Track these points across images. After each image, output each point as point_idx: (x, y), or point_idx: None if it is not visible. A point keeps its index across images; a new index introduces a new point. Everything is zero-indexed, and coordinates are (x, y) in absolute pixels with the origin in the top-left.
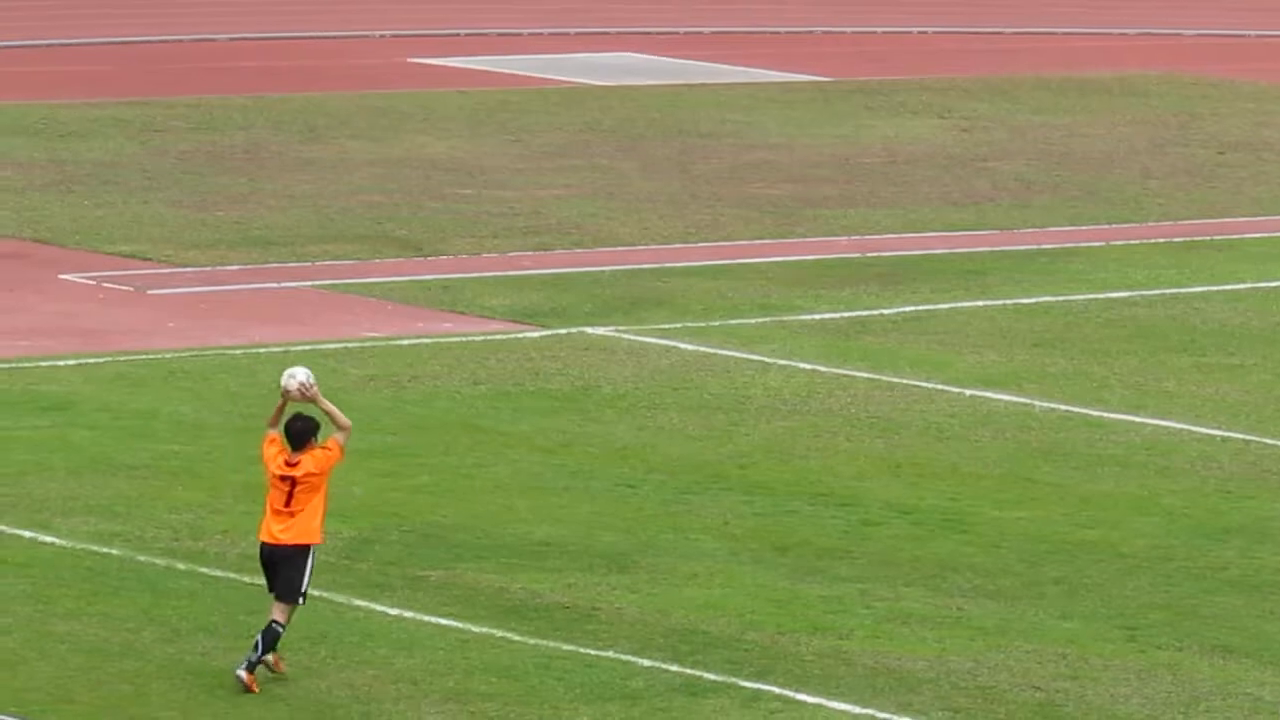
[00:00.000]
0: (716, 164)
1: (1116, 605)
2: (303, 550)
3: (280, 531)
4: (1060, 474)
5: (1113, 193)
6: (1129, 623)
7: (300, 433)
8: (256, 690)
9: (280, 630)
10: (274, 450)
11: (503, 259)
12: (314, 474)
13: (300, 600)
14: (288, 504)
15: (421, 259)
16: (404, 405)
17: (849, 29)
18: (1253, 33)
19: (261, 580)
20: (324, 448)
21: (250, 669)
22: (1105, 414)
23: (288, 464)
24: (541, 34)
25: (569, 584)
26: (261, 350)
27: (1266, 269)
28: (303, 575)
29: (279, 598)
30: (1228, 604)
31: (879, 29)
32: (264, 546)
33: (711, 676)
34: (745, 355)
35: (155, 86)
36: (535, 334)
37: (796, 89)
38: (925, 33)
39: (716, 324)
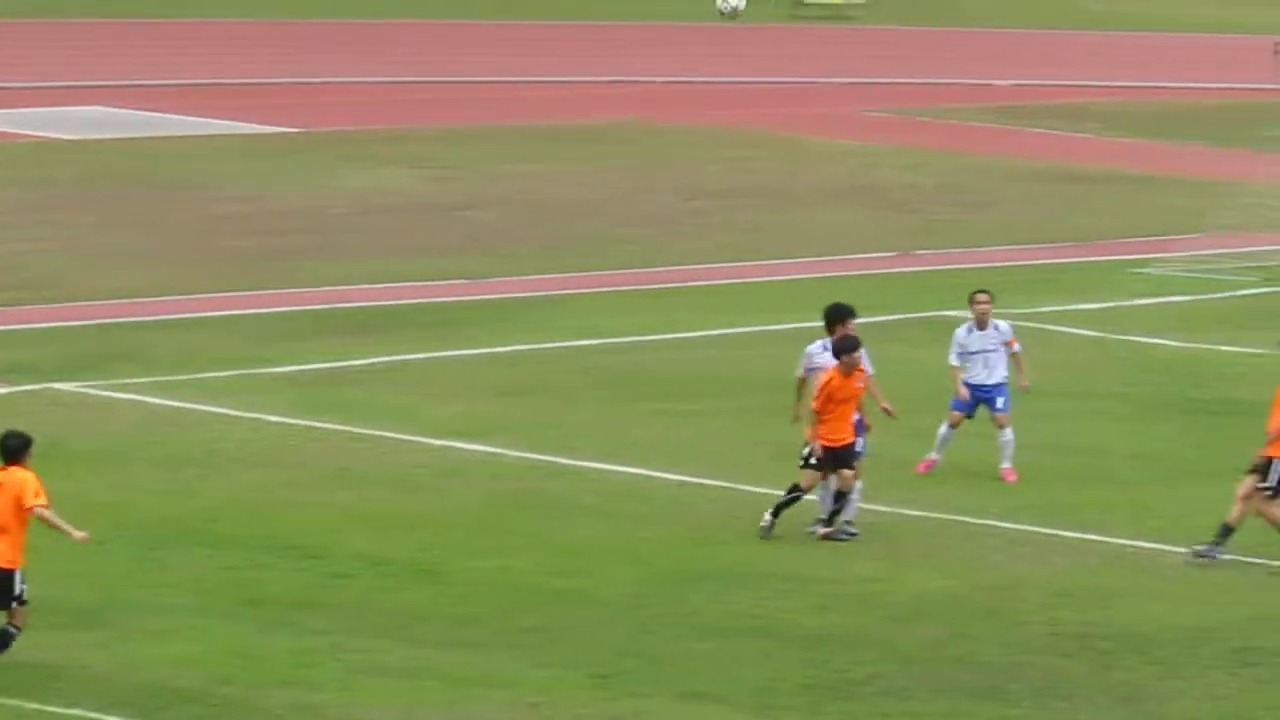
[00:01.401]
0: (186, 217)
1: (590, 653)
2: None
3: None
4: (533, 523)
5: (583, 241)
6: (602, 670)
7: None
8: None
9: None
10: None
11: None
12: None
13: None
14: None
15: None
16: None
17: (318, 80)
18: (723, 80)
19: None
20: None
21: None
22: (577, 462)
23: None
24: (7, 88)
25: (36, 642)
26: None
27: (734, 316)
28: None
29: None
30: (701, 649)
31: (348, 79)
32: None
33: None
34: (215, 409)
35: None
36: (2, 390)
37: (266, 140)
38: (396, 82)
39: (186, 378)
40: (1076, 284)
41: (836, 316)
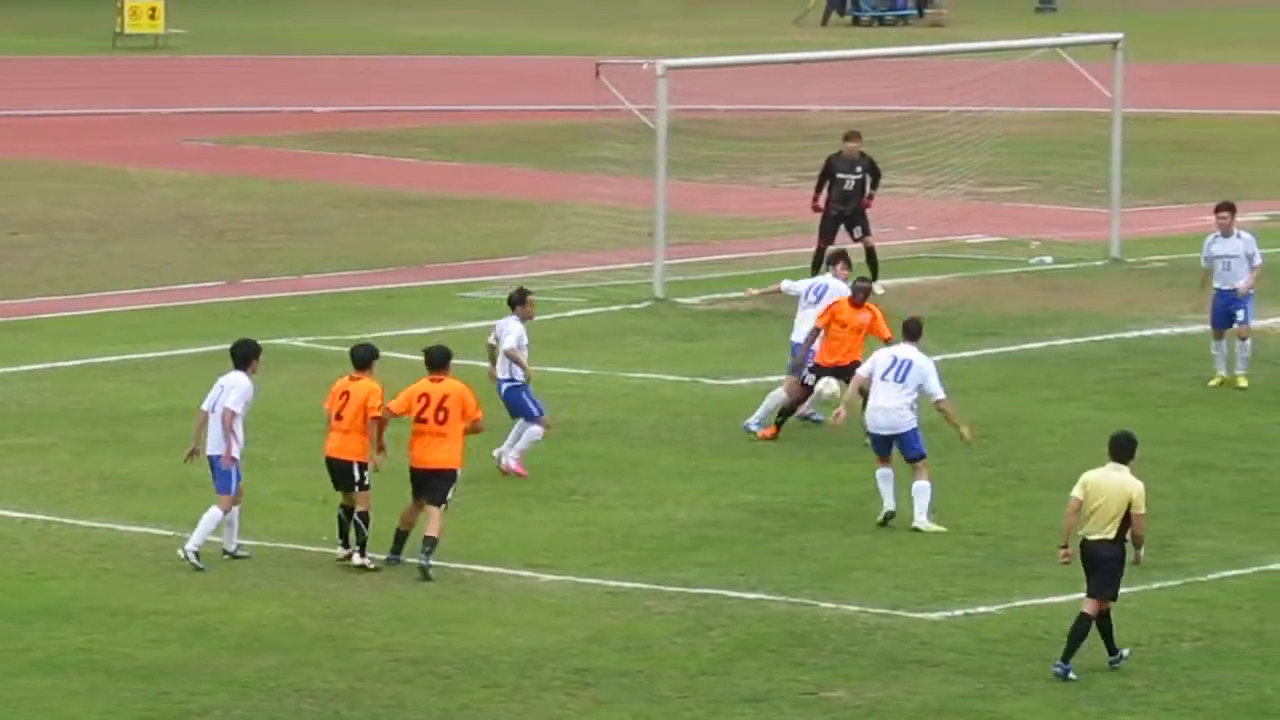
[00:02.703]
0: None
1: None
2: None
3: None
4: None
5: None
6: None
7: None
8: None
9: None
10: None
11: None
12: None
13: None
14: None
15: None
16: None
17: None
18: (40, 112)
19: None
20: None
21: None
22: None
23: None
24: None
25: None
26: None
27: (64, 348)
28: None
29: None
30: (33, 686)
31: None
32: None
33: None
34: None
35: None
36: None
37: None
38: None
39: None
40: (407, 309)
41: (254, 352)
